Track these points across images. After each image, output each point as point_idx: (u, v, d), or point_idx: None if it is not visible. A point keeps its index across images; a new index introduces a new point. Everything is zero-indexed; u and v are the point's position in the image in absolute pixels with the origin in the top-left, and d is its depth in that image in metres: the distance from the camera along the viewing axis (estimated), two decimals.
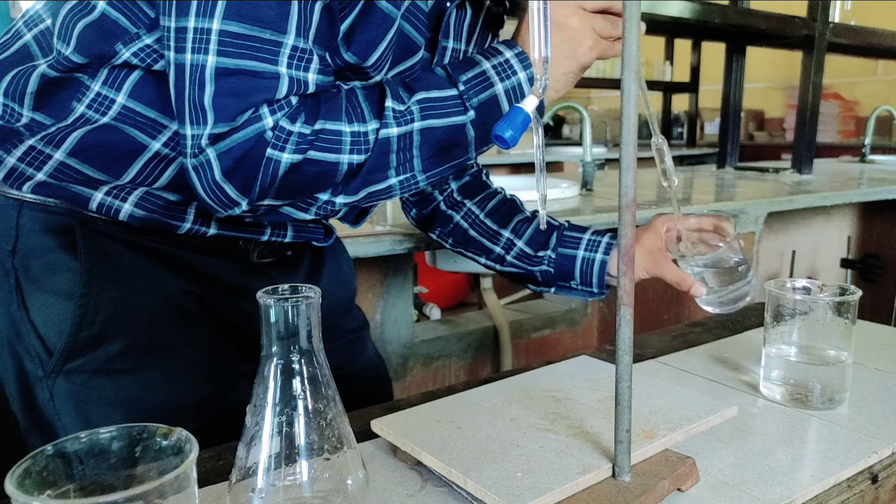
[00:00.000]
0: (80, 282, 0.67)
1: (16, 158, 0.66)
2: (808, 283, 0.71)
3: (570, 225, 0.93)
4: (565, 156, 4.28)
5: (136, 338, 0.69)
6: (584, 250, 0.89)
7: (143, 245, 0.71)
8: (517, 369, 0.75)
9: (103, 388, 0.68)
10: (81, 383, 0.68)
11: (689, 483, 0.54)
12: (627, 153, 0.47)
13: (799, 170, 2.58)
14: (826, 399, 0.68)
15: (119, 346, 0.68)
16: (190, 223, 0.71)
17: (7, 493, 0.32)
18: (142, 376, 0.69)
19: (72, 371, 0.67)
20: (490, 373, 1.97)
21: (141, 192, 0.68)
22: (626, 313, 0.49)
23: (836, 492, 0.55)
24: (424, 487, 0.54)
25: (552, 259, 0.91)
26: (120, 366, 0.68)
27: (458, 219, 0.95)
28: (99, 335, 0.67)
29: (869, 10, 4.32)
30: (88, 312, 0.67)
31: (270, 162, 0.59)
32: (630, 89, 0.46)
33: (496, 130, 0.55)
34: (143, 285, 0.70)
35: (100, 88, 0.65)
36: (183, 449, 0.38)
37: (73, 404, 0.68)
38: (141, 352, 0.69)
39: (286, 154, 0.59)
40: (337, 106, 0.61)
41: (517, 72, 0.67)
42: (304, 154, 0.60)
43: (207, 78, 0.57)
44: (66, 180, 0.67)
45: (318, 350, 0.46)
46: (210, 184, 0.61)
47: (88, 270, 0.67)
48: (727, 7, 2.37)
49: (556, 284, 0.92)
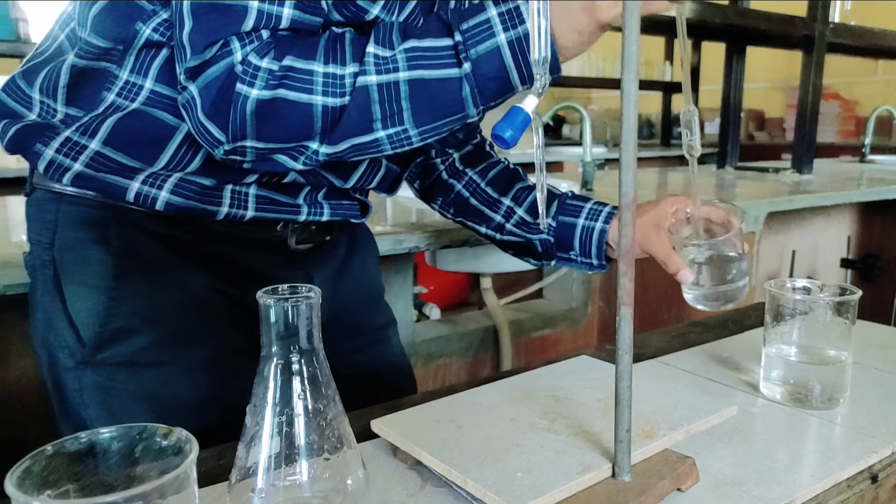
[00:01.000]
0: (110, 275, 0.68)
1: (53, 150, 0.68)
2: (808, 283, 0.71)
3: (573, 195, 0.90)
4: (565, 156, 4.28)
5: (160, 332, 0.70)
6: (585, 219, 0.86)
7: (176, 240, 0.71)
8: (517, 369, 0.75)
9: (127, 380, 0.69)
10: (107, 375, 0.69)
11: (689, 483, 0.54)
12: (627, 153, 0.47)
13: (799, 170, 2.58)
14: (826, 399, 0.68)
15: (144, 339, 0.69)
16: (227, 207, 0.71)
17: (7, 493, 0.32)
18: (164, 370, 0.70)
19: (99, 363, 0.69)
20: (490, 372, 1.97)
21: (176, 179, 0.69)
22: (626, 313, 0.49)
23: (836, 491, 0.55)
24: (424, 487, 0.54)
25: (552, 227, 0.88)
26: (143, 359, 0.69)
27: (459, 188, 0.94)
28: (124, 328, 0.69)
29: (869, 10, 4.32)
30: (115, 305, 0.68)
31: (239, 97, 0.58)
32: (630, 89, 0.46)
33: (496, 130, 0.55)
34: (170, 280, 0.71)
35: (128, 76, 0.66)
36: (183, 449, 0.38)
37: (98, 396, 0.69)
38: (164, 346, 0.70)
39: (255, 90, 0.58)
40: (313, 45, 0.59)
41: (525, 20, 0.58)
42: (274, 91, 0.58)
43: (186, 14, 0.58)
44: (102, 170, 0.68)
45: (318, 350, 0.46)
46: (196, 122, 0.62)
47: (119, 265, 0.69)
48: (727, 7, 2.37)
49: (556, 256, 0.90)
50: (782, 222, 2.34)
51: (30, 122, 0.69)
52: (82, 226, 0.69)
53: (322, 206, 0.78)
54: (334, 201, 0.79)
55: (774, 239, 2.35)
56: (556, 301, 2.18)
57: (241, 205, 0.72)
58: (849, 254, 2.61)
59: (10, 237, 1.24)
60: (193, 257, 0.72)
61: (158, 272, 0.70)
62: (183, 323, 0.71)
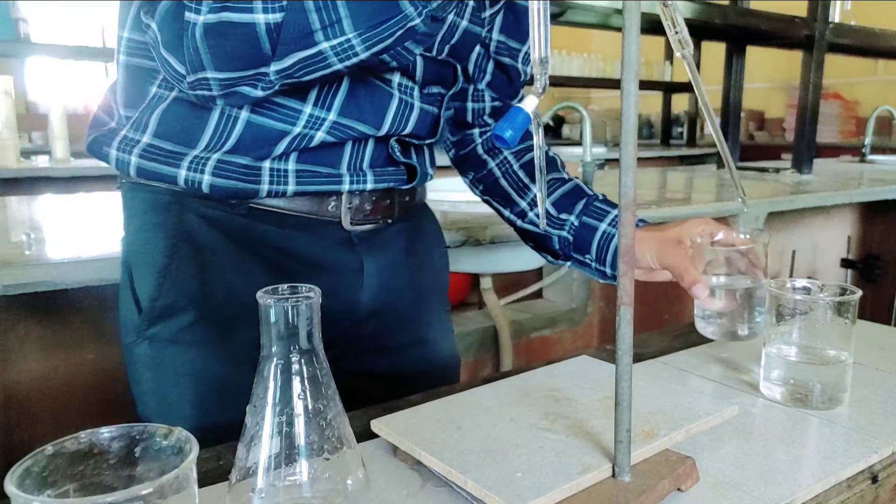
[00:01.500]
0: (164, 255, 0.73)
1: (115, 149, 0.74)
2: (808, 283, 0.71)
3: (604, 198, 0.87)
4: (565, 156, 4.25)
5: (205, 312, 0.73)
6: (608, 224, 0.84)
7: (230, 224, 0.73)
8: (517, 369, 0.75)
9: (175, 357, 0.73)
10: (157, 350, 0.73)
11: (689, 483, 0.54)
12: (627, 153, 0.47)
13: (799, 170, 2.58)
14: (826, 399, 0.68)
15: (189, 318, 0.73)
16: (267, 184, 0.72)
17: (7, 492, 0.32)
18: (208, 349, 0.73)
19: (150, 338, 0.73)
20: (490, 373, 1.97)
21: (215, 161, 0.71)
22: (626, 313, 0.49)
23: (836, 492, 0.55)
24: (424, 487, 0.54)
25: (574, 226, 0.86)
26: (189, 337, 0.73)
27: (493, 165, 0.93)
28: (172, 306, 0.73)
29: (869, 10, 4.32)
30: (165, 284, 0.73)
31: (189, 25, 0.61)
32: (630, 89, 0.46)
33: (496, 130, 0.55)
34: (220, 263, 0.73)
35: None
36: (183, 449, 0.38)
37: (150, 370, 0.74)
38: (209, 326, 0.73)
39: (201, 16, 0.60)
40: None
41: None
42: (219, 15, 0.60)
43: None
44: (153, 160, 0.72)
45: (318, 350, 0.46)
46: (160, 57, 0.64)
47: (172, 245, 0.73)
48: (727, 7, 2.37)
49: (572, 257, 0.88)
50: (782, 222, 2.34)
51: (106, 129, 0.76)
52: (146, 211, 0.74)
53: (365, 174, 0.77)
54: (378, 168, 0.78)
55: (775, 239, 2.35)
56: (557, 301, 2.18)
57: (281, 180, 0.73)
58: (849, 254, 2.61)
59: (10, 237, 1.24)
60: (245, 241, 0.74)
61: (209, 255, 0.73)
62: (228, 306, 0.73)
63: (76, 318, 1.35)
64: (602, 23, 2.40)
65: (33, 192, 2.61)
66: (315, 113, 0.72)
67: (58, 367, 1.34)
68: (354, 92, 0.73)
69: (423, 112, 0.80)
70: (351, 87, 0.73)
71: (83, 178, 2.89)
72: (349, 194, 0.77)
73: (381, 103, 0.75)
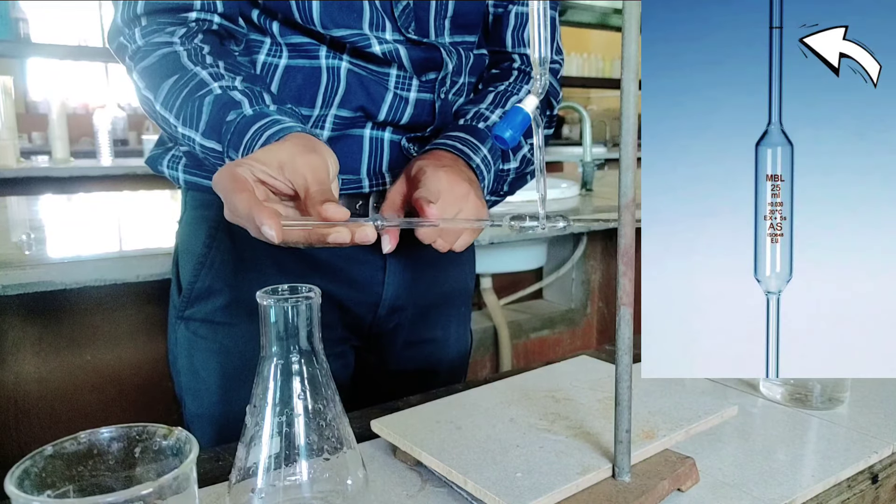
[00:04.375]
0: (204, 244, 0.79)
1: (166, 167, 0.80)
2: None
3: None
4: (565, 156, 4.27)
5: (237, 294, 0.78)
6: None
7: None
8: (517, 369, 0.75)
9: (207, 336, 0.80)
10: (193, 330, 0.81)
11: (689, 483, 0.54)
12: (627, 153, 0.47)
13: None
14: (826, 399, 0.68)
15: (222, 300, 0.79)
16: None
17: (7, 493, 0.32)
18: (236, 329, 0.79)
19: (188, 318, 0.81)
20: (489, 373, 1.97)
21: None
22: (625, 313, 0.49)
23: (836, 492, 0.55)
24: (424, 488, 0.54)
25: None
26: (220, 318, 0.79)
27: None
28: (209, 288, 0.79)
29: None
30: (204, 269, 0.80)
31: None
32: (630, 89, 0.46)
33: (496, 131, 0.55)
34: (256, 253, 0.78)
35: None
36: (182, 450, 0.38)
37: (186, 349, 0.81)
38: (239, 307, 0.79)
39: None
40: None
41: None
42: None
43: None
44: (195, 175, 0.78)
45: (318, 350, 0.45)
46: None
47: (212, 235, 0.79)
48: None
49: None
50: None
51: (162, 149, 0.82)
52: (195, 207, 0.82)
53: (384, 176, 0.78)
54: (397, 170, 0.78)
55: None
56: (556, 302, 2.18)
57: None
58: None
59: (10, 237, 1.24)
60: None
61: (246, 245, 0.77)
62: (259, 287, 0.74)
63: (75, 318, 1.35)
64: (601, 22, 2.40)
65: (33, 193, 2.62)
66: (318, 113, 0.74)
67: (56, 367, 1.34)
68: (351, 87, 0.74)
69: (421, 101, 0.79)
70: (348, 84, 0.74)
71: (83, 178, 2.89)
72: (376, 194, 0.78)
73: (378, 92, 0.76)
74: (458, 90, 0.84)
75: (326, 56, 0.73)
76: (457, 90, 0.83)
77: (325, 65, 0.73)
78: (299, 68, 0.73)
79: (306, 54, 0.73)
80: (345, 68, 0.74)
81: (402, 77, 0.77)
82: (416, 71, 0.77)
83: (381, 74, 0.76)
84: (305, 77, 0.73)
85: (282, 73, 0.74)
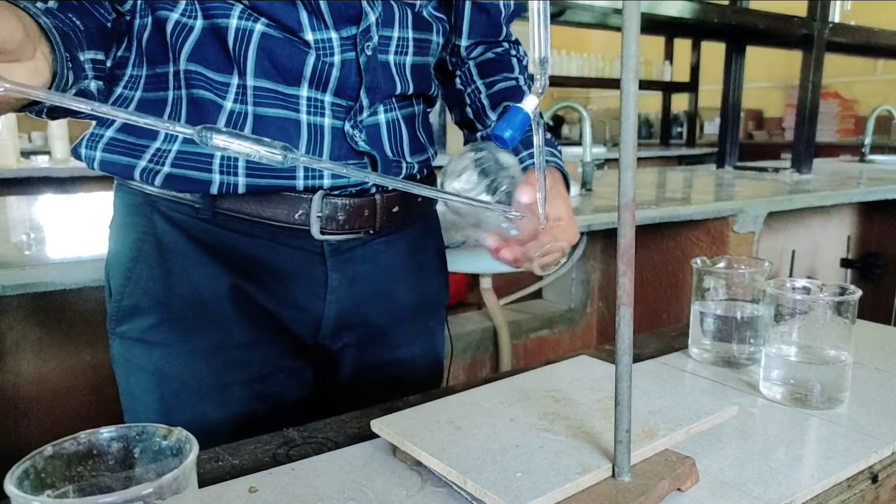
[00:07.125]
0: (130, 257, 0.74)
1: (84, 147, 0.75)
2: (807, 283, 0.71)
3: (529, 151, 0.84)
4: (565, 156, 4.26)
5: (167, 314, 0.74)
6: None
7: (197, 229, 0.73)
8: (516, 369, 0.75)
9: (140, 355, 0.75)
10: (126, 348, 0.76)
11: (689, 483, 0.54)
12: (627, 153, 0.47)
13: (798, 169, 2.58)
14: (826, 399, 0.68)
15: (153, 319, 0.74)
16: (218, 174, 0.70)
17: (7, 493, 0.32)
18: (168, 350, 0.74)
19: (120, 335, 0.76)
20: (489, 373, 1.97)
21: (176, 153, 0.70)
22: (625, 313, 0.49)
23: (836, 492, 0.55)
24: (424, 487, 0.54)
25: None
26: (152, 338, 0.74)
27: (465, 95, 0.91)
28: (137, 306, 0.74)
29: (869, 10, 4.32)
30: (130, 284, 0.74)
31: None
32: (630, 89, 0.46)
33: (495, 131, 0.55)
34: (184, 267, 0.73)
35: (131, 71, 0.73)
36: (182, 450, 0.37)
37: (122, 367, 0.77)
38: (171, 328, 0.74)
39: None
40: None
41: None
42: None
43: None
44: (114, 152, 0.73)
45: None
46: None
47: (138, 247, 0.74)
48: (726, 7, 2.37)
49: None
50: (782, 222, 2.34)
51: (88, 134, 0.77)
52: (123, 212, 0.76)
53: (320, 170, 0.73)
54: (341, 160, 0.73)
55: (774, 238, 2.35)
56: (556, 301, 2.18)
57: (230, 171, 0.70)
58: (848, 253, 2.62)
59: (10, 237, 1.23)
60: (211, 245, 0.73)
61: (175, 257, 0.73)
62: (190, 309, 0.74)
63: (74, 319, 1.35)
64: (601, 22, 2.40)
65: (33, 192, 2.62)
66: (238, 82, 0.69)
67: (56, 368, 1.34)
68: (268, 52, 0.69)
69: (345, 63, 0.72)
70: (262, 47, 0.69)
71: (83, 178, 2.89)
72: (320, 202, 0.73)
73: (296, 59, 0.70)
74: (398, 48, 0.77)
75: (239, 17, 0.68)
76: (396, 49, 0.76)
77: (234, 25, 0.68)
78: (213, 29, 0.69)
79: (220, 16, 0.68)
80: (258, 30, 0.68)
81: (321, 42, 0.70)
82: (335, 23, 0.70)
83: (300, 40, 0.70)
84: (218, 40, 0.69)
85: (196, 37, 0.69)
